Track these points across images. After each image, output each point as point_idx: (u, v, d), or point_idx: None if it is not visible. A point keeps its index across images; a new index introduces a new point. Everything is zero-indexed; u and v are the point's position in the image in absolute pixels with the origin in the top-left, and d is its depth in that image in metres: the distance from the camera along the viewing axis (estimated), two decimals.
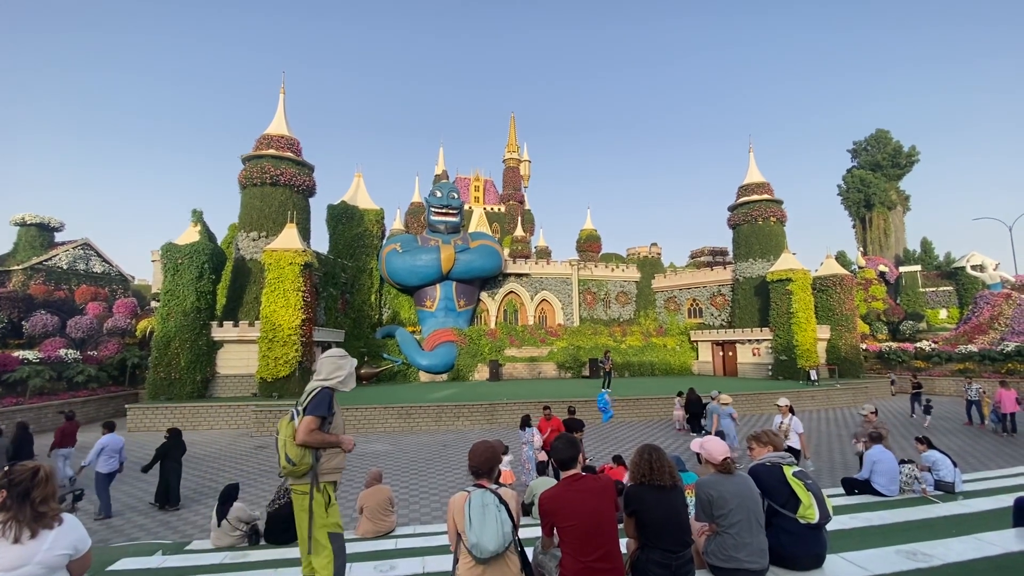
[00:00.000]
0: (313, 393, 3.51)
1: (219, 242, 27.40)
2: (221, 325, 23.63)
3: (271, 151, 26.92)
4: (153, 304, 32.57)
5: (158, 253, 31.24)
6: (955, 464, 7.37)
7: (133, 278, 38.83)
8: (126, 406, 20.64)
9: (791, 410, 10.02)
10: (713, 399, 13.55)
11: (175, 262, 22.56)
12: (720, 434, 12.37)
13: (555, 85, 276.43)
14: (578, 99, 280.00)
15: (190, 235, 23.88)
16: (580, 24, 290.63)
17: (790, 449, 8.01)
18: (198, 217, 24.64)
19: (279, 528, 6.50)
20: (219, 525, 6.49)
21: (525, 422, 10.44)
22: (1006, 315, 32.06)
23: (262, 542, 6.59)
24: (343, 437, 3.62)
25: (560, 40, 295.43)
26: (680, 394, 18.31)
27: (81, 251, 33.10)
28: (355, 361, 3.86)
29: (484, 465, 3.09)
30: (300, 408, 3.47)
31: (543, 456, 10.00)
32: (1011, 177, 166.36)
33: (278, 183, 26.60)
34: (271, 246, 23.48)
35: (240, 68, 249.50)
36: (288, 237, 23.89)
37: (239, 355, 23.56)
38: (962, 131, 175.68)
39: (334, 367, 3.65)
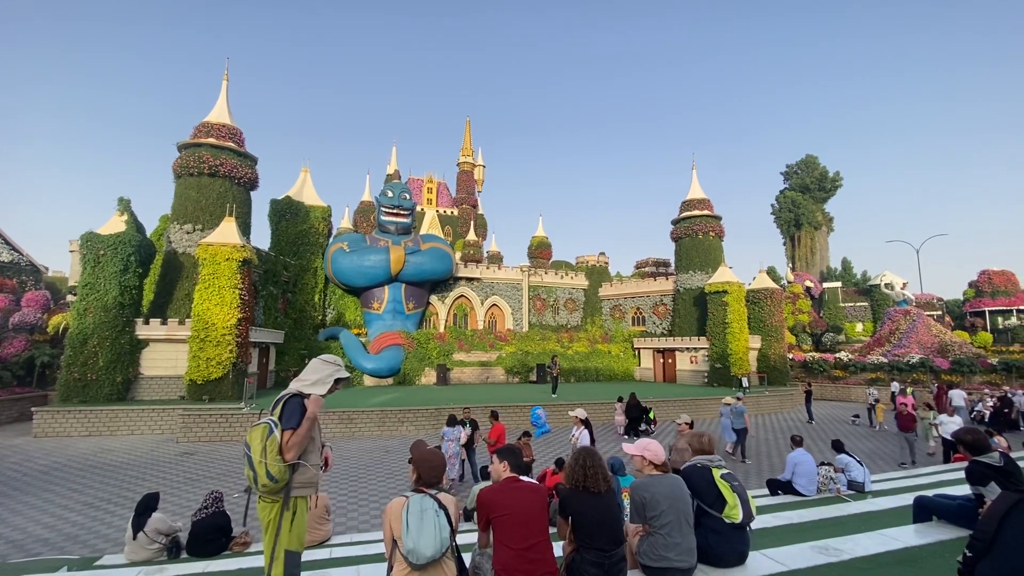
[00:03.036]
0: (282, 403, 3.27)
1: (148, 234, 25.52)
2: (147, 322, 21.98)
3: (211, 140, 25.44)
4: (69, 298, 29.87)
5: (77, 243, 28.71)
6: (861, 464, 8.04)
7: (47, 269, 35.40)
8: (32, 409, 18.80)
9: (585, 423, 9.92)
10: (740, 400, 14.87)
11: (96, 253, 20.78)
12: (741, 433, 14.11)
13: (512, 94, 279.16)
14: (534, 109, 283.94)
15: (115, 224, 22.06)
16: (537, 37, 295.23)
17: (560, 461, 7.91)
18: (125, 206, 22.77)
19: (203, 540, 6.13)
20: (135, 538, 6.00)
21: (451, 421, 11.23)
22: (901, 330, 35.31)
23: (184, 555, 6.17)
24: (310, 411, 3.32)
25: (517, 51, 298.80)
26: (621, 399, 18.76)
27: None
28: (336, 370, 3.55)
29: (434, 476, 3.05)
30: (275, 419, 3.20)
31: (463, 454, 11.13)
32: (921, 204, 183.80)
33: (217, 174, 25.15)
34: (207, 240, 22.14)
35: (180, 49, 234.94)
36: (226, 231, 22.62)
37: (166, 355, 22.01)
38: (879, 162, 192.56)
39: (309, 370, 3.50)
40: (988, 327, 42.29)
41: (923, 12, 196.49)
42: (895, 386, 24.76)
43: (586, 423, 9.96)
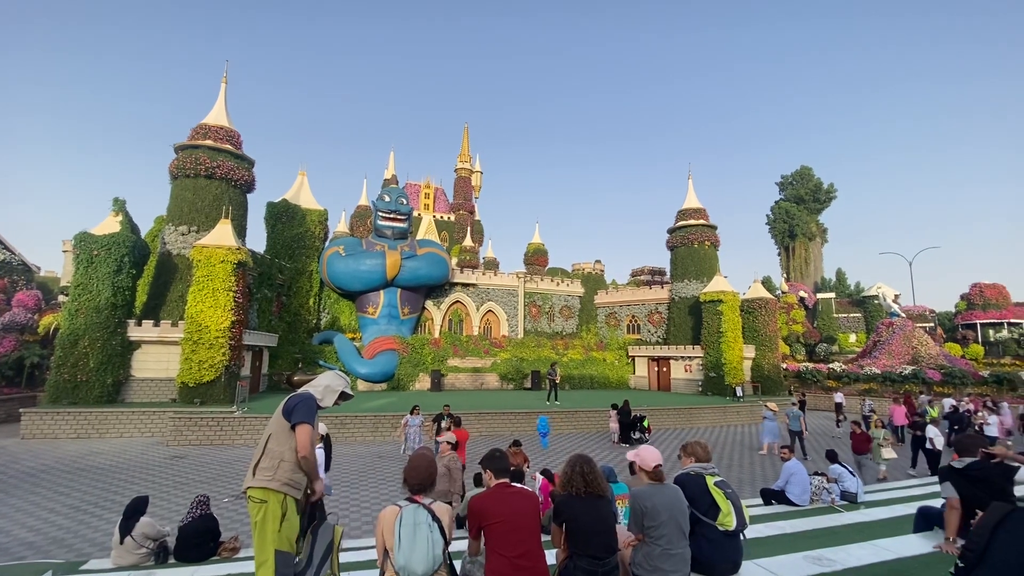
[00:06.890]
0: (297, 401, 3.34)
1: (143, 235, 25.36)
2: (140, 324, 21.83)
3: (208, 141, 25.38)
4: (61, 298, 29.63)
5: (70, 243, 28.53)
6: (854, 474, 8.05)
7: (39, 269, 35.18)
8: (21, 410, 18.59)
9: (324, 439, 8.36)
10: (795, 405, 17.57)
11: (89, 253, 20.65)
12: (798, 435, 15.19)
13: (510, 102, 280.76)
14: (532, 117, 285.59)
15: (110, 225, 21.92)
16: (536, 47, 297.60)
17: (546, 471, 7.57)
18: (120, 206, 22.64)
19: (190, 544, 6.05)
20: (122, 542, 5.91)
21: (414, 410, 13.97)
22: (882, 341, 35.51)
23: (171, 560, 6.08)
24: (320, 481, 3.50)
25: (516, 60, 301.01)
26: (615, 407, 18.72)
27: None
28: (345, 385, 3.72)
29: (425, 481, 3.00)
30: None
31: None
32: (915, 216, 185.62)
33: (213, 176, 25.07)
34: (202, 242, 22.04)
35: (179, 52, 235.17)
36: (221, 233, 22.53)
37: (158, 357, 21.84)
38: (873, 174, 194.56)
39: (322, 378, 3.65)
40: (980, 339, 42.59)
41: (919, 25, 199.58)
42: (839, 396, 24.96)
43: (325, 440, 8.33)
